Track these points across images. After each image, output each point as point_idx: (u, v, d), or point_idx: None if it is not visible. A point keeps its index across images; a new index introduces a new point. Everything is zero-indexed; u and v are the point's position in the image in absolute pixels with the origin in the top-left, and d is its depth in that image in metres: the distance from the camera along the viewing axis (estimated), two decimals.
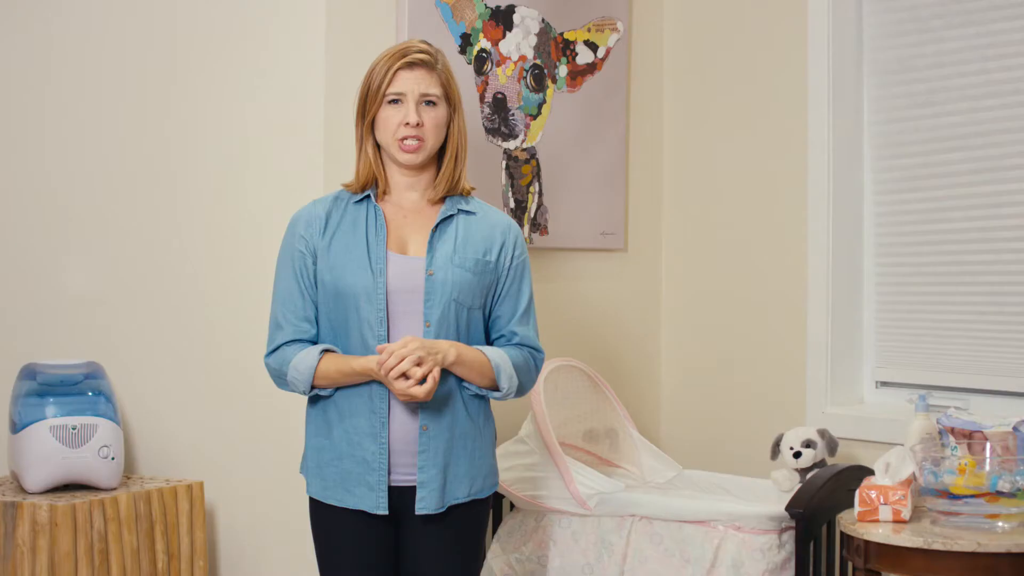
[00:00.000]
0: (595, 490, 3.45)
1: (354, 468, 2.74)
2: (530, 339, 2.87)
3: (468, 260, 2.77)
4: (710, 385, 4.23)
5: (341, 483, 2.75)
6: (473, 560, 2.84)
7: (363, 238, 2.76)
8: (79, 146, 3.76)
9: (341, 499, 2.76)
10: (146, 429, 3.71)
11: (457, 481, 2.77)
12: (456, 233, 2.79)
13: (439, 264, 2.75)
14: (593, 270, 4.16)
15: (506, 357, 2.78)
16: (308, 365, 2.74)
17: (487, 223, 2.84)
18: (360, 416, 2.74)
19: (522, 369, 2.82)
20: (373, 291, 2.73)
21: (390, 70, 2.74)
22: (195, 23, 3.64)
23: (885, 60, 3.89)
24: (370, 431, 2.73)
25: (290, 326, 2.80)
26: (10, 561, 3.16)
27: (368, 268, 2.73)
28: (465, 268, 2.76)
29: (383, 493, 2.72)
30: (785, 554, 3.26)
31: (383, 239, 2.75)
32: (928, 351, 3.82)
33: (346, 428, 2.75)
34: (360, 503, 2.74)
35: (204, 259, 3.63)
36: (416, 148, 2.76)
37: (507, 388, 2.78)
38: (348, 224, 2.79)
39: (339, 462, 2.75)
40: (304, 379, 2.74)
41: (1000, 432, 3.08)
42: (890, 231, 3.90)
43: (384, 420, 2.73)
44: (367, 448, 2.73)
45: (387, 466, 2.73)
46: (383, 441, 2.72)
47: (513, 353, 2.81)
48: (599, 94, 4.11)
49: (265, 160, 3.53)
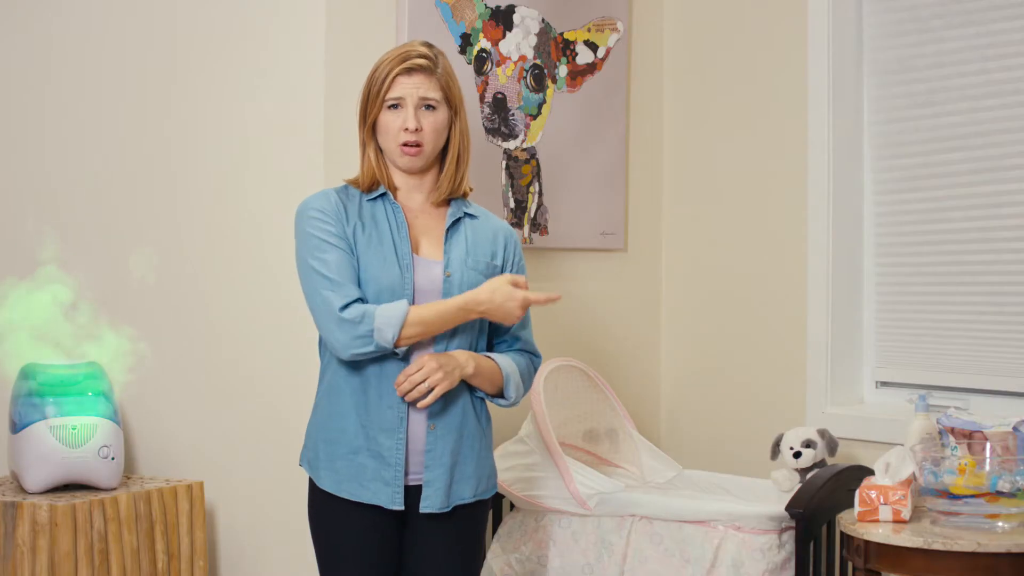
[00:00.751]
0: (595, 490, 3.45)
1: (369, 463, 2.74)
2: (530, 344, 2.94)
3: (480, 263, 2.81)
4: (710, 385, 4.22)
5: (355, 477, 2.75)
6: (473, 560, 2.85)
7: (388, 234, 2.77)
8: (79, 146, 3.76)
9: (355, 493, 2.74)
10: (146, 429, 3.71)
11: (464, 481, 2.78)
12: (465, 236, 2.83)
13: (455, 266, 2.77)
14: (593, 270, 4.16)
15: (514, 367, 2.84)
16: (399, 310, 2.66)
17: (489, 227, 2.88)
18: (377, 411, 2.74)
19: (526, 376, 2.89)
20: (400, 288, 2.73)
21: (390, 75, 2.75)
22: (195, 23, 3.64)
23: (885, 60, 3.89)
24: (387, 427, 2.73)
25: (350, 284, 2.71)
26: (10, 561, 3.16)
27: (396, 264, 2.74)
28: (478, 271, 2.80)
29: (399, 489, 2.73)
30: (785, 554, 3.26)
31: (406, 237, 2.77)
32: (928, 351, 3.82)
33: (363, 422, 2.74)
34: (375, 498, 2.73)
35: (204, 259, 3.63)
36: (416, 153, 2.77)
37: (514, 398, 2.85)
38: (368, 218, 2.79)
39: (354, 456, 2.75)
40: (396, 322, 2.65)
41: (1000, 432, 3.08)
42: (890, 231, 3.90)
43: (403, 416, 2.73)
44: (383, 443, 2.73)
45: (404, 462, 2.73)
46: (401, 437, 2.73)
47: (519, 360, 2.87)
48: (599, 94, 4.11)
49: (265, 160, 3.53)
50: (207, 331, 3.63)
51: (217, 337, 3.61)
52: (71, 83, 3.77)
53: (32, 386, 3.38)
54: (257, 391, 3.53)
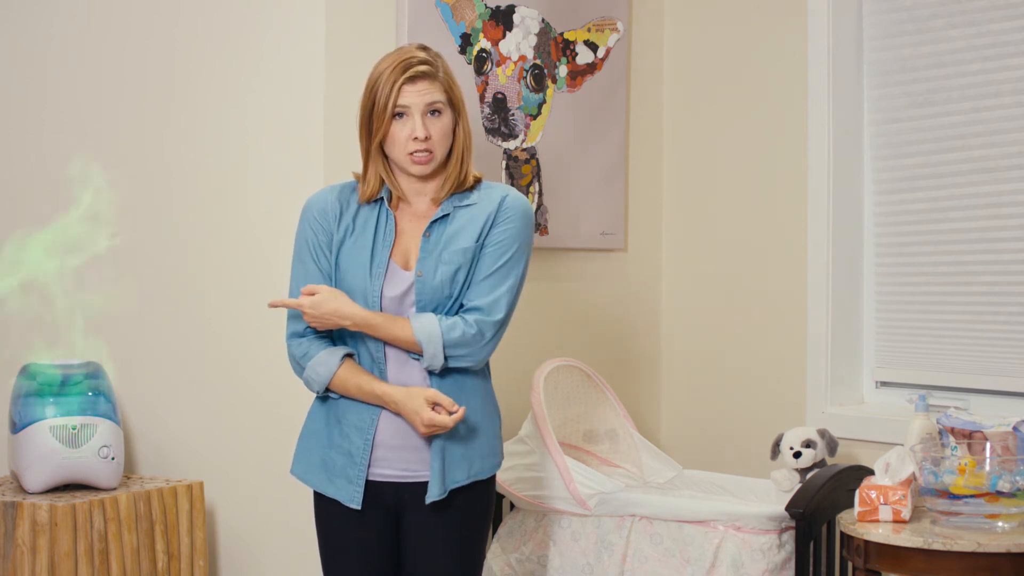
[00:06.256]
0: (595, 490, 3.45)
1: (338, 459, 2.78)
2: (486, 308, 2.78)
3: (456, 255, 2.77)
4: (710, 385, 4.22)
5: (324, 470, 2.80)
6: (475, 544, 2.84)
7: (371, 242, 2.79)
8: (79, 145, 3.75)
9: (321, 486, 2.81)
10: (146, 429, 3.71)
11: (455, 465, 2.78)
12: (447, 229, 2.80)
13: (427, 265, 2.76)
14: (593, 270, 4.16)
15: (438, 337, 2.74)
16: (328, 369, 2.77)
17: (483, 208, 2.81)
18: (353, 411, 2.78)
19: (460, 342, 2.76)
20: (368, 294, 2.77)
21: (394, 85, 2.73)
22: (195, 23, 3.63)
23: (885, 60, 3.89)
24: (360, 425, 2.77)
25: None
26: (10, 561, 3.17)
27: (368, 272, 2.77)
28: (453, 263, 2.77)
29: (359, 487, 2.76)
30: (785, 554, 3.26)
31: (389, 245, 2.78)
32: (928, 351, 3.82)
33: (339, 417, 2.80)
34: (338, 494, 2.78)
35: (204, 259, 3.63)
36: (427, 160, 2.77)
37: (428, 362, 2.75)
38: (361, 223, 2.81)
39: (327, 450, 2.80)
40: (321, 381, 2.78)
41: (1000, 432, 3.08)
42: (890, 231, 3.90)
43: (374, 417, 2.76)
44: (354, 442, 2.77)
45: (368, 461, 2.76)
46: (368, 438, 2.76)
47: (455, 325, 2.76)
48: (599, 94, 4.11)
49: (265, 160, 3.53)
50: (207, 331, 3.63)
51: (217, 337, 3.61)
52: (71, 83, 3.77)
53: (32, 386, 3.38)
54: (257, 391, 3.53)
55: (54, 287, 3.71)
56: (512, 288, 2.80)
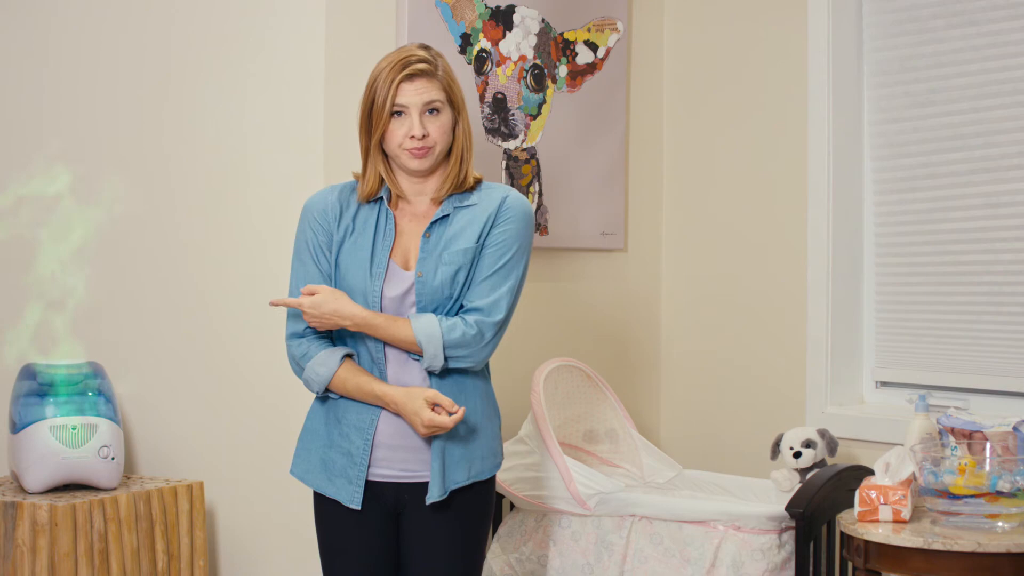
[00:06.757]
0: (595, 490, 3.45)
1: (338, 459, 2.78)
2: (486, 309, 2.78)
3: (457, 255, 2.77)
4: (710, 385, 4.23)
5: (324, 470, 2.80)
6: (475, 545, 2.84)
7: (371, 242, 2.78)
8: (79, 147, 3.75)
9: (321, 486, 2.80)
10: (146, 429, 3.71)
11: (455, 465, 2.78)
12: (447, 230, 2.80)
13: (427, 265, 2.76)
14: (593, 270, 4.16)
15: (438, 338, 2.73)
16: (328, 369, 2.77)
17: (481, 209, 2.81)
18: (352, 412, 2.78)
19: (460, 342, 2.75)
20: (369, 294, 2.76)
21: (392, 84, 2.74)
22: (195, 23, 3.63)
23: (885, 60, 3.89)
24: (360, 426, 2.77)
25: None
26: (10, 561, 3.17)
27: (369, 272, 2.77)
28: (453, 264, 2.77)
29: (359, 488, 2.76)
30: (785, 554, 3.26)
31: (389, 245, 2.78)
32: (928, 351, 3.82)
33: (339, 418, 2.79)
34: (338, 494, 2.78)
35: (204, 259, 3.63)
36: (424, 154, 2.76)
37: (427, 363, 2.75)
38: (361, 223, 2.81)
39: (327, 450, 2.80)
40: (320, 381, 2.78)
41: (1000, 432, 3.08)
42: (890, 231, 3.90)
43: (374, 417, 2.76)
44: (354, 442, 2.77)
45: (368, 461, 2.76)
46: (368, 437, 2.76)
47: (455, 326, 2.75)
48: (599, 94, 4.11)
49: (265, 160, 3.53)
50: (207, 331, 3.63)
51: (217, 337, 3.61)
52: (70, 83, 3.77)
53: (32, 386, 3.38)
54: (257, 391, 3.53)
55: (54, 287, 3.71)
56: (512, 289, 2.80)
